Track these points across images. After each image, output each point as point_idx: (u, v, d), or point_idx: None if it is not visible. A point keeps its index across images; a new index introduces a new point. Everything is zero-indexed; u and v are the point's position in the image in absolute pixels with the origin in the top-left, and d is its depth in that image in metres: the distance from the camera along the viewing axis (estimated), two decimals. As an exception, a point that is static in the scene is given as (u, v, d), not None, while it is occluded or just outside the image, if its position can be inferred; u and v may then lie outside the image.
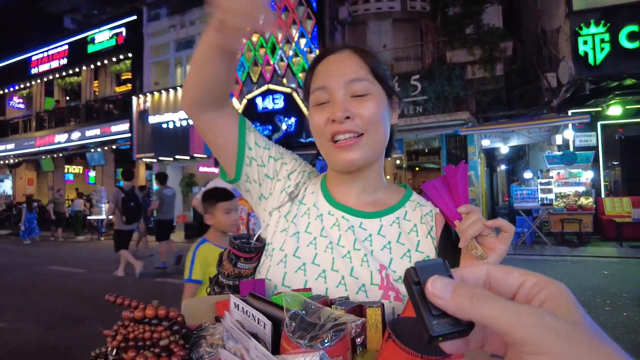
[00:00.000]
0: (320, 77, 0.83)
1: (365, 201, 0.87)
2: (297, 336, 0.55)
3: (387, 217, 0.85)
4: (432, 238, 0.83)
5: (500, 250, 0.69)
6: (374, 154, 0.83)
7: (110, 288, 6.43)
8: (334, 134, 0.80)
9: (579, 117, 8.87)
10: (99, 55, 16.89)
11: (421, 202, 0.89)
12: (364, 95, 0.80)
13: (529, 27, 11.85)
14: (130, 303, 0.64)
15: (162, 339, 0.61)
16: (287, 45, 11.90)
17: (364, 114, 0.79)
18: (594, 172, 9.26)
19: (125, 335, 0.61)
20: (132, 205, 6.86)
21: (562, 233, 8.63)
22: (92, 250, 10.92)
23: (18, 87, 20.09)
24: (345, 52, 0.84)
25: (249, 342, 0.56)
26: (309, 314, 0.58)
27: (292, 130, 11.63)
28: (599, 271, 6.45)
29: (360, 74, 0.81)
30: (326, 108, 0.81)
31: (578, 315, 0.28)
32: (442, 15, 11.21)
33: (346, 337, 0.56)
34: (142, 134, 14.87)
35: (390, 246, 0.82)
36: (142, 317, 0.62)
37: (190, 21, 14.65)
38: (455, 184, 0.77)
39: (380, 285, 0.77)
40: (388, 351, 0.52)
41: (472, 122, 10.43)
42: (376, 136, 0.81)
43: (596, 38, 8.75)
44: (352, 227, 0.84)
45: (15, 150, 19.17)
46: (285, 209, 0.89)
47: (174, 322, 0.62)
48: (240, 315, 0.64)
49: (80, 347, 3.88)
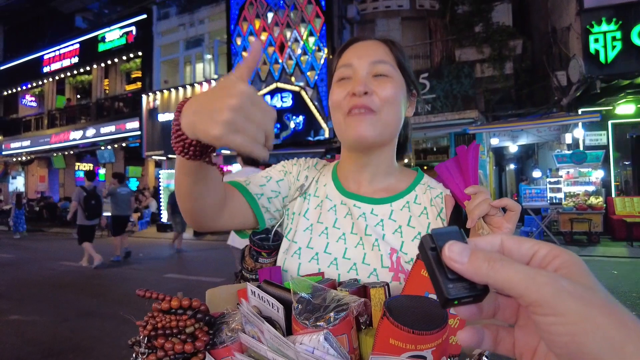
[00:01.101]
0: (347, 57, 0.86)
1: (376, 188, 0.90)
2: (303, 317, 0.58)
3: (398, 202, 0.87)
4: (442, 219, 0.85)
5: (507, 228, 0.72)
6: (385, 134, 0.83)
7: (119, 282, 6.55)
8: (352, 107, 0.81)
9: (589, 116, 8.79)
10: (110, 53, 17.08)
11: (431, 184, 0.91)
12: (385, 76, 0.83)
13: (539, 25, 11.75)
14: (158, 296, 0.70)
15: (187, 327, 0.65)
16: (295, 44, 11.94)
17: (381, 93, 0.81)
18: (605, 171, 9.17)
19: (155, 325, 0.66)
20: (93, 203, 7.54)
21: (571, 233, 8.57)
22: (102, 247, 11.05)
23: (30, 85, 20.38)
24: (374, 40, 0.89)
25: (263, 326, 0.60)
26: (315, 297, 0.61)
27: (300, 129, 11.67)
28: (609, 271, 6.40)
29: (385, 58, 0.84)
30: (348, 84, 0.84)
31: (591, 281, 0.29)
32: (451, 14, 11.16)
33: (349, 316, 0.59)
34: (152, 131, 15.01)
35: (401, 230, 0.84)
36: (169, 308, 0.68)
37: (199, 20, 14.75)
38: (466, 164, 0.79)
39: (391, 267, 0.79)
40: (383, 328, 0.54)
41: (481, 120, 10.38)
42: (389, 117, 0.82)
43: (607, 36, 8.65)
44: (364, 214, 0.86)
45: (31, 147, 19.46)
46: (297, 205, 0.92)
47: (197, 311, 0.67)
48: (257, 301, 0.68)
49: (91, 339, 3.97)
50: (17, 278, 7.00)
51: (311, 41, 11.73)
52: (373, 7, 12.72)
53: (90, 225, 7.70)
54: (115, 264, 8.02)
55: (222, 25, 13.54)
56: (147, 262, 8.57)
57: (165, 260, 8.77)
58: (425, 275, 0.62)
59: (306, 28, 11.78)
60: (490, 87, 10.47)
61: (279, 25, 12.16)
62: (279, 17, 12.14)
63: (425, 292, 0.62)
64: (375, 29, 12.71)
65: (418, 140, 12.20)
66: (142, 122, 15.26)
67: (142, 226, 14.57)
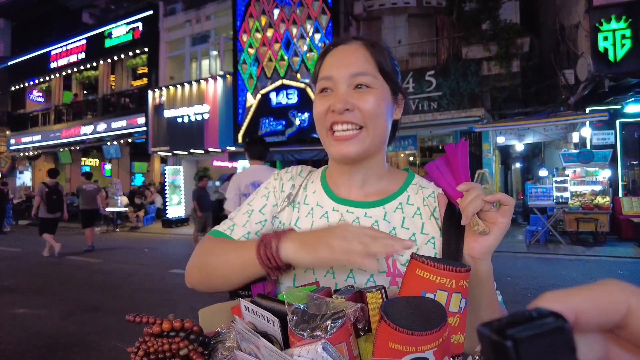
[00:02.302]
0: (327, 67, 0.84)
1: (368, 192, 0.88)
2: (299, 329, 0.57)
3: (390, 204, 0.86)
4: (435, 219, 0.84)
5: (503, 223, 0.71)
6: (372, 147, 0.83)
7: (123, 278, 6.59)
8: (332, 123, 0.81)
9: (597, 115, 8.70)
10: (116, 49, 17.15)
11: (423, 184, 0.90)
12: (366, 86, 0.81)
13: (547, 22, 11.64)
14: (148, 320, 0.68)
15: (181, 349, 0.64)
16: (301, 40, 11.91)
17: (364, 107, 0.79)
18: (612, 171, 9.09)
19: (147, 350, 0.65)
20: (54, 198, 8.30)
21: (577, 232, 8.51)
22: (108, 242, 11.13)
23: (38, 80, 20.51)
24: (355, 44, 0.85)
25: (259, 341, 0.59)
26: (310, 307, 0.60)
27: (305, 126, 11.66)
28: (615, 271, 6.35)
29: (366, 68, 0.81)
30: (329, 96, 0.82)
31: None
32: (458, 11, 11.07)
33: (346, 323, 0.58)
34: (158, 127, 15.06)
35: (395, 232, 0.82)
36: (160, 332, 0.66)
37: (205, 16, 14.76)
38: (456, 162, 0.78)
39: (388, 272, 0.78)
40: (381, 332, 0.53)
41: (487, 119, 10.32)
42: (375, 130, 0.82)
43: (617, 34, 8.55)
44: (357, 218, 0.85)
45: (42, 141, 19.59)
46: (286, 215, 0.91)
47: (189, 332, 0.66)
48: (251, 317, 0.67)
49: (97, 333, 4.00)
50: (23, 271, 7.07)
51: (317, 38, 11.70)
52: (379, 4, 12.64)
53: (51, 218, 8.37)
54: (120, 260, 8.10)
55: (228, 21, 13.53)
56: (152, 257, 8.62)
57: (170, 255, 8.81)
58: (420, 274, 0.62)
59: (312, 25, 11.74)
60: (497, 85, 10.39)
61: (284, 21, 12.13)
62: (285, 13, 12.11)
63: (422, 291, 0.61)
64: (381, 25, 12.64)
65: (424, 138, 12.16)
66: (147, 118, 15.32)
67: (148, 222, 14.64)
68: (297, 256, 0.69)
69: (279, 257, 0.71)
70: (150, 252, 9.18)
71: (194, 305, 0.70)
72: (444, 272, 0.60)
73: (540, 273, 6.27)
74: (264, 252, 0.72)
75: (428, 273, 0.61)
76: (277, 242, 0.72)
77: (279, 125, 12.03)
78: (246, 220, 0.91)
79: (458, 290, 0.61)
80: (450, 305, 0.60)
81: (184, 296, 5.35)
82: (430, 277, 0.61)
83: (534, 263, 7.12)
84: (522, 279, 5.87)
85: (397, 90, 0.86)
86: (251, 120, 12.54)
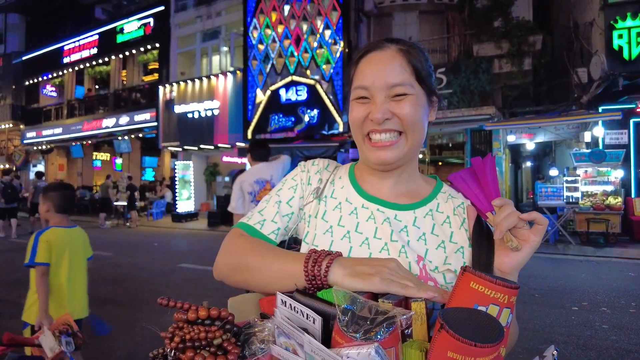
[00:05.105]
0: (363, 76, 0.83)
1: (398, 193, 0.88)
2: (351, 330, 0.57)
3: (421, 209, 0.86)
4: (465, 230, 0.85)
5: (534, 242, 0.72)
6: (410, 153, 0.84)
7: (133, 271, 6.68)
8: (370, 131, 0.82)
9: (610, 114, 8.58)
10: (128, 45, 17.29)
11: (452, 194, 0.90)
12: (404, 95, 0.81)
13: (560, 20, 11.47)
14: (182, 305, 0.67)
15: (215, 338, 0.63)
16: (311, 37, 11.90)
17: (402, 115, 0.80)
18: (625, 171, 8.96)
19: (183, 337, 0.63)
20: (9, 192, 10.66)
21: (588, 233, 8.41)
22: (118, 235, 11.27)
23: (51, 75, 20.78)
24: (390, 50, 0.83)
25: (303, 337, 0.58)
26: (358, 309, 0.60)
27: (314, 122, 11.67)
28: (625, 272, 6.28)
29: (403, 77, 0.81)
30: (367, 104, 0.82)
31: None
32: (470, 8, 10.97)
33: (397, 329, 0.58)
34: (168, 123, 15.19)
35: (425, 237, 0.83)
36: (196, 319, 0.64)
37: (216, 12, 14.80)
38: (484, 176, 0.78)
39: (419, 275, 0.78)
40: (441, 341, 0.53)
41: (498, 117, 10.23)
42: (414, 136, 0.82)
43: (632, 32, 8.41)
44: (387, 218, 0.84)
45: (55, 135, 19.83)
46: (313, 208, 0.89)
47: (226, 321, 0.65)
48: (287, 312, 0.66)
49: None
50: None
51: (327, 34, 11.67)
52: (390, 1, 12.56)
53: (6, 208, 10.76)
54: (130, 254, 8.19)
55: (238, 17, 13.56)
56: (162, 251, 8.72)
57: (179, 250, 8.92)
58: (475, 287, 0.62)
59: (322, 21, 11.72)
60: (508, 83, 10.29)
61: (295, 17, 12.13)
62: (296, 9, 12.10)
63: (475, 304, 0.61)
64: (392, 22, 12.57)
65: (433, 136, 12.10)
66: (158, 113, 15.45)
67: (158, 216, 14.79)
68: (346, 284, 0.69)
69: (326, 279, 0.71)
70: (159, 247, 9.28)
71: (202, 299, 0.70)
72: (499, 287, 0.60)
73: (549, 273, 6.23)
74: (311, 270, 0.72)
75: (483, 287, 0.61)
76: (327, 264, 0.72)
77: (288, 122, 12.05)
78: (275, 212, 0.90)
79: (509, 305, 0.61)
80: (500, 319, 0.61)
81: (193, 290, 5.41)
82: (484, 291, 0.61)
83: (542, 263, 7.06)
84: (530, 279, 5.84)
85: (432, 93, 0.87)
86: (261, 116, 12.58)
